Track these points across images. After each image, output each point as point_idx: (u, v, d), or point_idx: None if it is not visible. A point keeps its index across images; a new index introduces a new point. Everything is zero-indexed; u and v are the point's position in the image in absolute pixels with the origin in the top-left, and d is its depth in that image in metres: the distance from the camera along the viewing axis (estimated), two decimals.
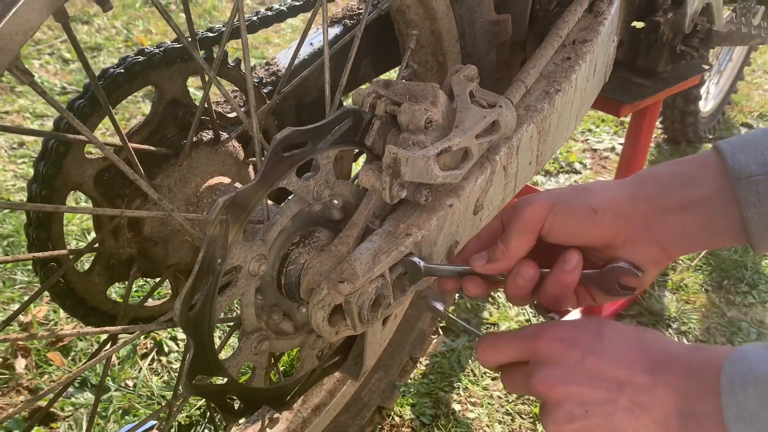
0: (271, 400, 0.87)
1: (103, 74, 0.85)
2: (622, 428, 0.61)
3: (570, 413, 0.63)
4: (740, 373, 0.53)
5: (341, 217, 0.87)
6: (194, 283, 0.67)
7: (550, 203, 0.72)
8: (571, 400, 0.63)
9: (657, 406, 0.60)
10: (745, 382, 0.53)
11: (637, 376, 0.62)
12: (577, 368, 0.64)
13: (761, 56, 4.12)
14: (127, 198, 0.88)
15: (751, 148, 0.65)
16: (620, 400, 0.61)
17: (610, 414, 0.61)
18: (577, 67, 1.00)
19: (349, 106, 0.78)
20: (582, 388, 0.63)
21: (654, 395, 0.61)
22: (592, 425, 0.62)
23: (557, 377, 0.64)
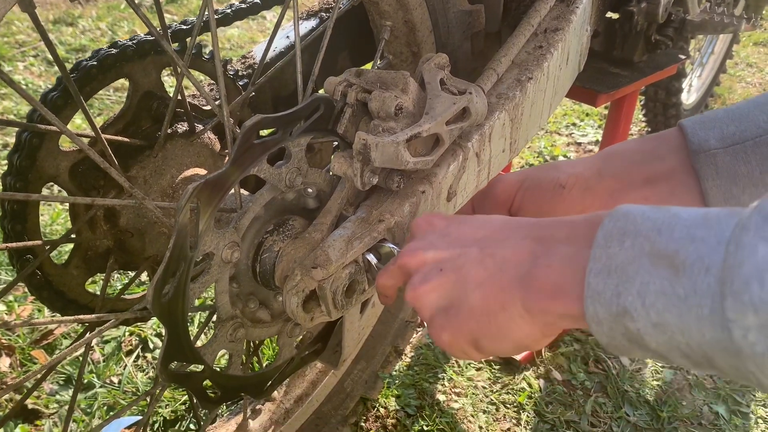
0: (250, 388, 0.88)
1: (76, 67, 0.85)
2: (469, 279, 0.57)
3: (425, 276, 0.60)
4: (620, 228, 0.48)
5: (316, 205, 0.88)
6: (166, 270, 0.67)
7: (520, 180, 0.74)
8: (428, 263, 0.61)
9: (509, 254, 0.56)
10: (623, 236, 0.47)
11: (497, 233, 0.59)
12: (440, 235, 0.63)
13: (744, 49, 4.16)
14: (102, 190, 0.89)
15: (711, 124, 0.67)
16: (471, 249, 0.58)
17: (460, 266, 0.58)
18: (549, 55, 1.01)
19: (320, 94, 0.79)
20: (440, 251, 0.61)
21: (508, 244, 0.57)
22: (444, 282, 0.59)
23: (419, 246, 0.63)
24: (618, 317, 0.46)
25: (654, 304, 0.44)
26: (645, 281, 0.45)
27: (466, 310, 0.57)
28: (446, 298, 0.59)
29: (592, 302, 0.47)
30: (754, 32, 4.43)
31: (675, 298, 0.43)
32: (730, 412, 1.60)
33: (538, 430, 1.51)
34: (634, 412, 1.58)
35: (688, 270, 0.43)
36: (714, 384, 1.68)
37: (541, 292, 0.52)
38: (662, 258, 0.44)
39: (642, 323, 0.45)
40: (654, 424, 1.56)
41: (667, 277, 0.44)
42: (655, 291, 0.44)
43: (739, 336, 0.40)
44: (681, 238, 0.44)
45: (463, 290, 0.57)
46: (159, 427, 1.41)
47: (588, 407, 1.58)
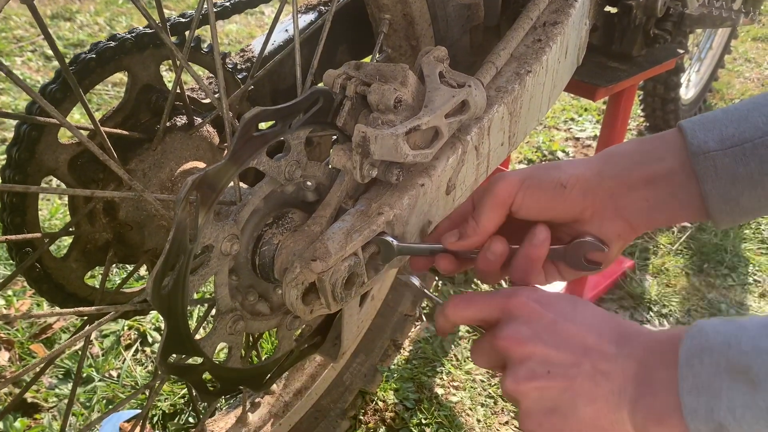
0: (249, 381, 0.88)
1: (75, 60, 0.85)
2: (581, 393, 0.61)
3: (532, 371, 0.63)
4: (697, 345, 0.55)
5: (315, 198, 0.88)
6: (165, 262, 0.68)
7: (521, 179, 0.74)
8: (535, 358, 0.63)
9: (618, 375, 0.61)
10: (701, 353, 0.54)
11: (603, 345, 0.63)
12: (548, 329, 0.64)
13: (742, 45, 4.16)
14: (101, 183, 0.89)
15: (710, 125, 0.67)
16: (584, 365, 0.62)
17: (571, 377, 0.62)
18: (548, 48, 1.01)
19: (319, 86, 0.79)
20: (549, 348, 0.63)
21: (617, 364, 0.61)
22: (552, 386, 0.62)
23: (526, 334, 0.64)
24: (717, 430, 0.52)
25: (743, 416, 0.50)
26: (730, 397, 0.51)
27: (574, 421, 0.62)
28: (552, 402, 0.63)
29: (692, 420, 0.54)
30: (753, 27, 4.44)
31: (759, 410, 0.50)
32: None
33: None
34: None
35: (763, 383, 0.49)
36: None
37: (649, 418, 0.58)
38: (739, 373, 0.51)
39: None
40: None
41: (748, 392, 0.50)
42: (742, 405, 0.50)
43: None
44: (749, 351, 0.51)
45: (573, 401, 0.62)
46: (158, 420, 1.41)
47: None
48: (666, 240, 2.24)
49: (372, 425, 1.46)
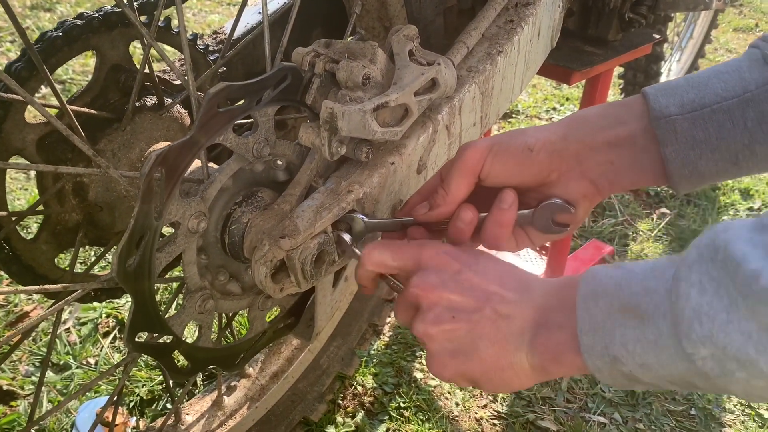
0: (220, 361, 0.88)
1: (41, 38, 0.84)
2: (483, 335, 0.65)
3: (438, 315, 0.66)
4: (592, 290, 0.59)
5: (286, 178, 0.88)
6: (130, 238, 0.67)
7: (489, 145, 0.75)
8: (442, 304, 0.67)
9: (518, 318, 0.64)
10: (596, 296, 0.58)
11: (504, 292, 0.66)
12: (454, 278, 0.68)
13: (723, 35, 4.19)
14: (70, 163, 0.88)
15: (672, 91, 0.68)
16: (486, 310, 0.65)
17: (474, 321, 0.65)
18: (520, 29, 1.01)
19: (286, 63, 0.79)
20: (454, 295, 0.67)
21: (517, 308, 0.65)
22: (456, 329, 0.66)
23: (434, 282, 0.68)
24: (612, 365, 0.56)
25: (635, 350, 0.54)
26: (622, 333, 0.55)
27: (476, 361, 0.66)
28: (455, 343, 0.66)
29: (590, 357, 0.58)
30: (734, 18, 4.47)
31: (648, 343, 0.54)
32: None
33: (515, 406, 1.53)
34: (609, 388, 1.60)
35: (651, 319, 0.53)
36: None
37: (546, 357, 0.62)
38: (629, 311, 0.55)
39: (631, 366, 0.55)
40: (629, 400, 1.58)
41: (638, 327, 0.54)
42: (633, 340, 0.54)
43: (700, 365, 0.50)
44: (638, 292, 0.55)
45: (474, 343, 0.66)
46: (135, 406, 1.41)
47: (564, 384, 1.60)
48: (645, 226, 2.25)
49: (351, 409, 1.46)
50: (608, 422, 1.52)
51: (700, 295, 0.49)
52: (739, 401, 1.61)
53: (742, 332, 0.47)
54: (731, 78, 0.66)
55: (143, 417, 1.40)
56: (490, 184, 0.75)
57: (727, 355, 0.48)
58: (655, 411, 1.55)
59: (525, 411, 1.52)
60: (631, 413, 1.54)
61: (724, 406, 1.60)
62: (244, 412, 1.16)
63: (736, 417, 1.57)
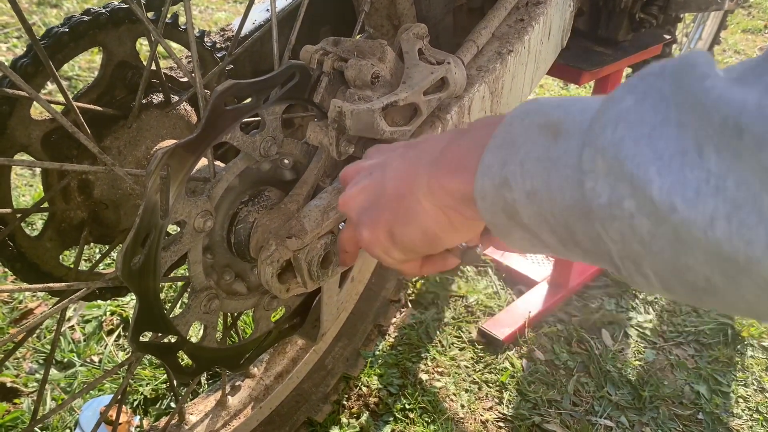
0: (225, 361, 0.88)
1: (47, 34, 0.83)
2: (390, 171, 0.59)
3: (356, 181, 0.63)
4: (525, 110, 0.47)
5: (293, 177, 0.87)
6: (136, 236, 0.67)
7: None
8: (360, 173, 0.64)
9: (427, 145, 0.57)
10: (526, 115, 0.47)
11: (427, 138, 0.60)
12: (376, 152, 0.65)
13: (732, 36, 4.16)
14: (75, 160, 0.87)
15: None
16: (398, 149, 0.62)
17: (386, 165, 0.60)
18: (530, 28, 1.00)
19: (294, 61, 0.78)
20: (372, 162, 0.63)
21: (431, 138, 0.59)
22: (370, 184, 0.61)
23: (355, 165, 0.66)
24: (499, 188, 0.46)
25: (530, 170, 0.44)
26: (528, 150, 0.44)
27: (383, 201, 0.58)
28: (370, 196, 0.60)
29: (482, 176, 0.47)
30: (743, 19, 4.44)
31: (548, 161, 0.42)
32: (711, 391, 1.61)
33: (521, 408, 1.52)
34: (616, 391, 1.59)
35: (566, 134, 0.42)
36: (695, 364, 1.69)
37: (444, 171, 0.52)
38: (548, 127, 0.44)
39: (518, 193, 0.44)
40: (636, 403, 1.56)
41: (547, 144, 0.43)
42: (535, 158, 0.43)
43: (589, 190, 0.39)
44: (573, 110, 0.43)
45: (382, 184, 0.59)
46: (139, 404, 1.40)
47: (570, 387, 1.58)
48: None
49: (356, 410, 1.45)
50: (615, 426, 1.50)
51: (636, 102, 0.38)
52: (747, 406, 1.60)
53: (655, 150, 0.36)
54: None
55: (147, 416, 1.39)
56: None
57: (623, 172, 0.37)
58: (662, 415, 1.54)
59: (531, 414, 1.50)
60: (637, 417, 1.53)
61: (732, 411, 1.58)
62: (248, 413, 1.16)
63: (744, 422, 1.56)
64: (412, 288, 1.81)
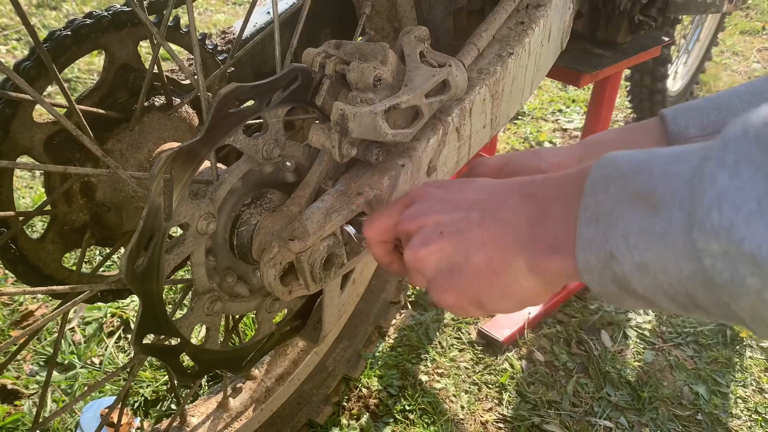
0: (227, 363, 0.88)
1: (50, 37, 0.84)
2: (472, 240, 0.58)
3: (426, 238, 0.61)
4: (605, 174, 0.48)
5: (295, 179, 0.87)
6: (139, 239, 0.67)
7: (501, 164, 0.74)
8: (428, 226, 0.62)
9: (510, 214, 0.57)
10: (608, 181, 0.47)
11: (494, 197, 0.60)
12: (440, 201, 0.63)
13: (730, 38, 4.17)
14: (78, 162, 0.88)
15: (692, 113, 0.67)
16: (472, 214, 0.59)
17: (462, 230, 0.59)
18: (531, 31, 1.01)
19: (297, 64, 0.78)
20: (440, 215, 0.62)
21: (506, 204, 0.58)
22: (446, 246, 0.60)
23: (419, 211, 0.64)
24: (606, 263, 0.46)
25: (636, 244, 0.44)
26: (628, 222, 0.45)
27: (470, 271, 0.58)
28: (448, 261, 0.60)
29: (583, 251, 0.48)
30: (741, 21, 4.45)
31: (654, 235, 0.43)
32: (710, 392, 1.62)
33: (520, 409, 1.52)
34: (616, 392, 1.59)
35: (664, 207, 0.43)
36: (695, 365, 1.69)
37: (541, 251, 0.53)
38: (642, 198, 0.44)
39: (627, 266, 0.45)
40: (635, 404, 1.57)
41: (647, 216, 0.44)
42: (637, 231, 0.44)
43: (709, 266, 0.40)
44: (658, 176, 0.44)
45: (465, 252, 0.58)
46: (140, 406, 1.40)
47: (570, 388, 1.59)
48: None
49: (356, 411, 1.45)
50: (614, 426, 1.51)
51: (731, 178, 0.38)
52: (746, 406, 1.60)
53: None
54: (753, 99, 0.64)
55: (147, 417, 1.39)
56: None
57: (743, 253, 0.38)
58: (661, 416, 1.54)
59: (531, 414, 1.51)
60: (637, 418, 1.53)
61: (731, 411, 1.59)
62: (249, 414, 1.16)
63: (743, 422, 1.56)
64: (412, 290, 1.82)
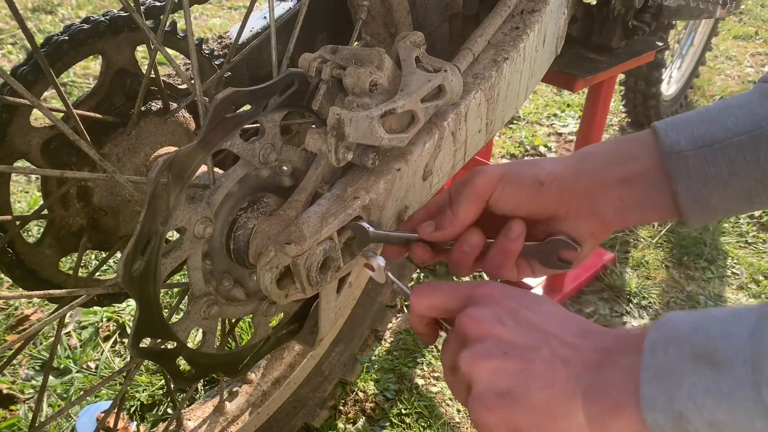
0: (224, 367, 0.88)
1: (47, 41, 0.84)
2: (536, 377, 0.58)
3: (488, 350, 0.60)
4: (664, 335, 0.52)
5: (292, 184, 0.87)
6: (136, 244, 0.67)
7: (500, 173, 0.75)
8: (493, 338, 0.61)
9: (578, 362, 0.58)
10: (667, 342, 0.51)
11: (565, 335, 0.60)
12: (510, 314, 0.62)
13: (723, 42, 4.20)
14: (74, 167, 0.88)
15: (683, 126, 0.67)
16: (543, 349, 0.59)
17: (528, 360, 0.59)
18: (525, 36, 1.01)
19: (294, 69, 0.79)
20: (507, 330, 0.61)
21: (578, 351, 0.59)
22: (507, 368, 0.59)
23: (487, 316, 0.63)
24: (677, 421, 0.48)
25: (704, 404, 0.47)
26: (692, 383, 0.47)
27: (526, 405, 0.58)
28: (505, 383, 0.59)
29: (650, 410, 0.50)
30: (734, 26, 4.48)
31: (721, 395, 0.46)
32: None
33: None
34: None
35: (728, 366, 0.46)
36: None
37: (604, 406, 0.54)
38: (703, 358, 0.47)
39: (698, 424, 0.47)
40: None
41: (711, 376, 0.46)
42: (703, 391, 0.47)
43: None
44: (716, 336, 0.48)
45: (526, 383, 0.58)
46: (136, 411, 1.40)
47: None
48: (646, 233, 2.25)
49: (352, 415, 1.45)
50: None
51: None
52: None
53: None
54: (742, 113, 0.65)
55: (143, 422, 1.39)
56: (498, 211, 0.75)
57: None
58: None
59: None
60: None
61: None
62: (245, 418, 1.16)
63: None
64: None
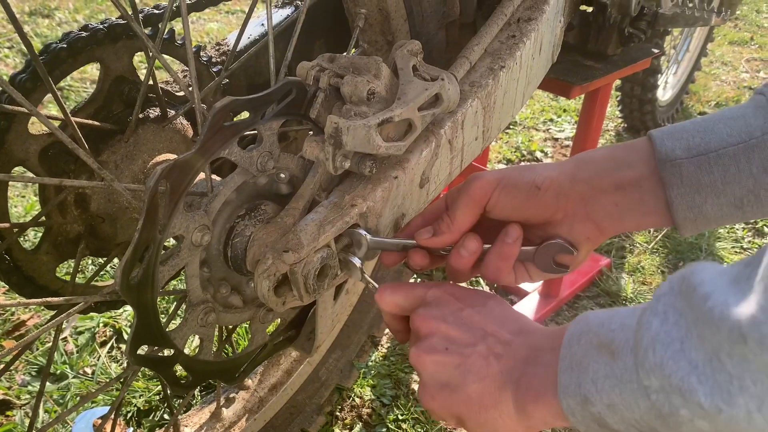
0: (221, 374, 0.88)
1: (45, 49, 0.84)
2: (472, 370, 0.65)
3: (432, 346, 0.68)
4: (578, 329, 0.58)
5: (289, 191, 0.88)
6: (134, 251, 0.67)
7: (497, 179, 0.76)
8: (437, 335, 0.68)
9: (509, 358, 0.65)
10: (580, 335, 0.57)
11: (502, 333, 0.67)
12: (454, 313, 0.69)
13: (719, 48, 4.22)
14: (72, 174, 0.88)
15: (678, 134, 0.69)
16: (479, 346, 0.66)
17: (466, 355, 0.66)
18: (522, 44, 1.02)
19: (292, 77, 0.79)
20: (450, 328, 0.68)
21: (510, 348, 0.66)
22: (447, 362, 0.66)
23: (433, 315, 0.70)
24: (583, 405, 0.55)
25: (603, 387, 0.53)
26: (595, 369, 0.54)
27: (462, 395, 0.65)
28: (445, 376, 0.67)
29: (564, 396, 0.56)
30: (730, 32, 4.50)
31: (615, 379, 0.52)
32: None
33: None
34: None
35: (620, 353, 0.52)
36: None
37: (529, 398, 0.61)
38: (604, 347, 0.54)
39: (599, 406, 0.53)
40: None
41: (609, 363, 0.53)
42: (603, 376, 0.53)
43: (654, 400, 0.48)
44: (616, 328, 0.54)
45: (462, 377, 0.66)
46: (132, 417, 1.40)
47: None
48: (642, 239, 2.26)
49: (348, 421, 1.45)
50: None
51: (662, 324, 0.48)
52: None
53: (690, 361, 0.45)
54: (737, 123, 0.66)
55: (140, 427, 1.39)
56: (495, 216, 0.76)
57: (672, 386, 0.46)
58: None
59: None
60: None
61: None
62: (242, 425, 1.16)
63: None
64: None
